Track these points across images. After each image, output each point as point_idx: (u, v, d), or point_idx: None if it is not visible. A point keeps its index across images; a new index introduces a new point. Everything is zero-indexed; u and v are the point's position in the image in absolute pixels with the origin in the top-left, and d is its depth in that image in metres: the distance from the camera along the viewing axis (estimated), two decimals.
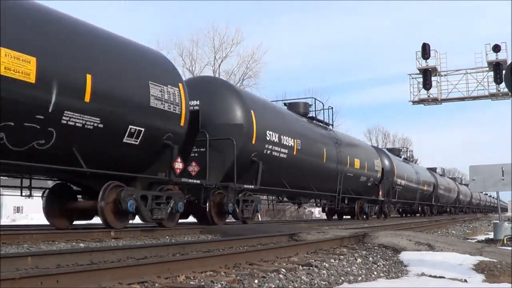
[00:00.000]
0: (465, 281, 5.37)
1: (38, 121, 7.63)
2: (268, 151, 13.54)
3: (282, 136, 14.19)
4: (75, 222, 10.45)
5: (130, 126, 9.20)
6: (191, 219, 13.55)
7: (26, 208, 47.88)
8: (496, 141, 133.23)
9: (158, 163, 10.19)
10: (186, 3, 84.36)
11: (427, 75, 22.38)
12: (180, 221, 12.14)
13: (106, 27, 9.70)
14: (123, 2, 78.80)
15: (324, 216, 24.14)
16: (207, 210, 12.03)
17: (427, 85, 22.56)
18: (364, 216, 21.83)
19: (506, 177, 11.03)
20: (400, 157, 30.98)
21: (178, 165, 10.32)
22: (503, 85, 20.50)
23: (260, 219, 29.65)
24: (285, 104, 18.04)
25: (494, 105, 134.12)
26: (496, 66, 21.53)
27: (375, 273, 5.70)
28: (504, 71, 8.61)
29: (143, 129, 9.44)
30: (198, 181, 11.24)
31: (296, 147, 15.00)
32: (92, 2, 71.03)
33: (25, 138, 7.60)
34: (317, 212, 53.96)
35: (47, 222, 10.23)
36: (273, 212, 33.91)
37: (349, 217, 22.33)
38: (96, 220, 9.82)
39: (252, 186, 12.98)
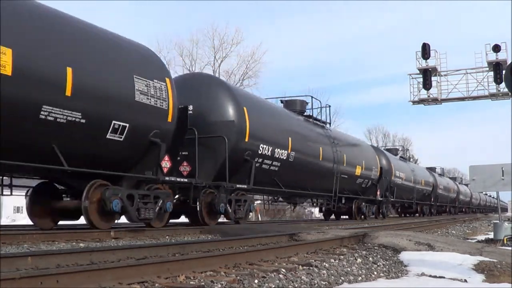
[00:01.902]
0: (465, 281, 5.37)
1: None
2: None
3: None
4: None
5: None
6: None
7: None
8: (496, 141, 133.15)
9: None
10: (186, 3, 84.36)
11: (427, 75, 22.37)
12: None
13: (107, 27, 9.22)
14: (123, 2, 78.73)
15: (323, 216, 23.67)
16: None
17: (427, 85, 22.55)
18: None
19: (506, 177, 11.03)
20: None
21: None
22: (503, 85, 20.49)
23: (260, 219, 29.64)
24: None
25: (494, 105, 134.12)
26: (496, 66, 21.52)
27: (375, 273, 5.70)
28: (504, 71, 8.60)
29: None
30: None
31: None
32: (92, 2, 70.98)
33: None
34: (317, 212, 53.91)
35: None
36: (273, 212, 33.94)
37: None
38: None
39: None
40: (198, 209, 11.67)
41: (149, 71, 9.88)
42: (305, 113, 17.64)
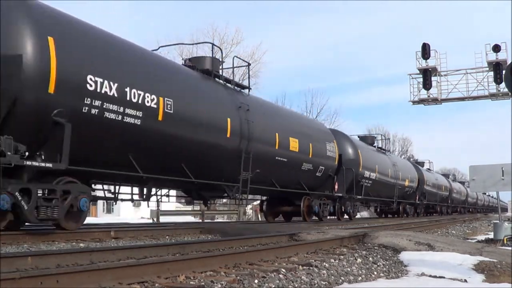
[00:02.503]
0: (465, 281, 5.37)
1: None
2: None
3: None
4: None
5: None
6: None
7: None
8: (496, 141, 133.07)
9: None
10: (186, 3, 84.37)
11: (427, 75, 22.35)
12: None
13: (107, 27, 9.71)
14: (123, 2, 78.80)
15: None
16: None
17: (427, 85, 22.53)
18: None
19: (506, 177, 11.03)
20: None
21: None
22: (503, 85, 20.49)
23: (260, 219, 29.65)
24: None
25: (494, 105, 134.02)
26: (496, 66, 21.49)
27: (375, 273, 5.70)
28: (504, 71, 8.60)
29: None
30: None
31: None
32: (92, 2, 71.06)
33: None
34: None
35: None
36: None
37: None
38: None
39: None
40: (337, 210, 20.03)
41: (327, 138, 18.80)
42: (374, 145, 25.89)
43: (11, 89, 7.50)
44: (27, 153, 7.64)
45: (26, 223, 8.55)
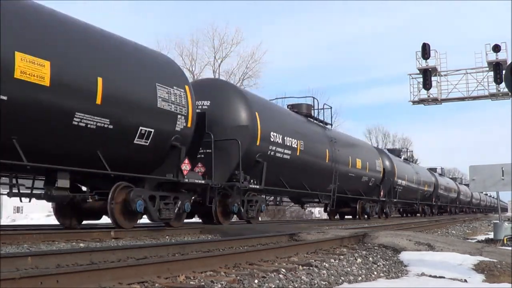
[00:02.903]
0: (465, 281, 5.37)
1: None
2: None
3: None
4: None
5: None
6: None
7: (26, 208, 47.87)
8: (496, 141, 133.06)
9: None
10: (186, 3, 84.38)
11: (427, 75, 22.35)
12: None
13: (106, 27, 9.73)
14: (123, 2, 78.83)
15: (324, 216, 24.00)
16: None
17: (427, 85, 22.53)
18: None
19: (506, 177, 11.03)
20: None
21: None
22: (503, 85, 20.49)
23: (260, 219, 29.65)
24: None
25: (494, 105, 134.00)
26: (496, 66, 21.50)
27: (375, 273, 5.70)
28: (504, 71, 8.60)
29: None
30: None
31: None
32: (92, 2, 71.09)
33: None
34: (316, 212, 53.96)
35: (46, 222, 10.24)
36: (273, 212, 33.92)
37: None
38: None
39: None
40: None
41: (376, 156, 23.87)
42: (400, 156, 30.39)
43: (242, 144, 12.42)
44: (252, 180, 13.01)
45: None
